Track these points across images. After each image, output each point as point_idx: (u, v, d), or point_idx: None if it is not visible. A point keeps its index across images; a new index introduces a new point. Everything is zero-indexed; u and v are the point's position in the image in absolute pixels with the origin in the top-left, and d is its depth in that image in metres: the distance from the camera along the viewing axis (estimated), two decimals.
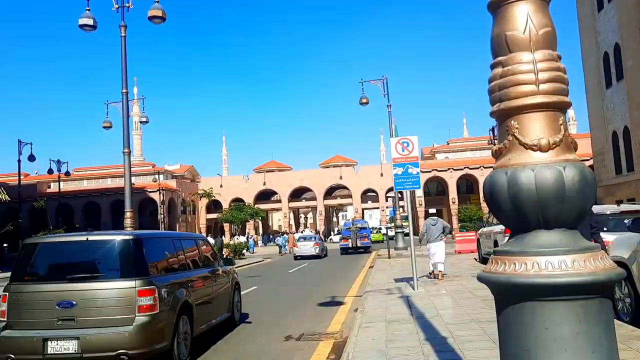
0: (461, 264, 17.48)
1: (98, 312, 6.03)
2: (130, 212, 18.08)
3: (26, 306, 6.21)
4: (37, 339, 5.94)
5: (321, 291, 14.07)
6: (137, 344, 5.90)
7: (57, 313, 6.01)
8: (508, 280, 2.25)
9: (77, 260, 6.56)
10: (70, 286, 6.16)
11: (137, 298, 6.03)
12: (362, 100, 32.51)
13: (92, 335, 5.88)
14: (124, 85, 18.30)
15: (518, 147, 2.35)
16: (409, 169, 11.80)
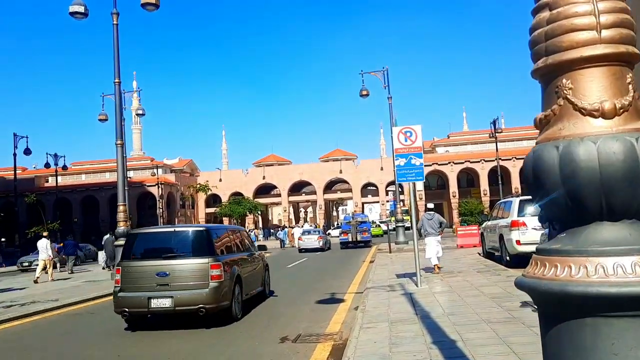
0: (465, 258, 16.94)
1: (185, 280, 8.72)
2: (123, 205, 17.55)
3: (134, 276, 8.85)
4: (143, 298, 8.60)
5: (320, 287, 13.53)
6: (210, 301, 8.58)
7: (156, 280, 8.68)
8: (562, 288, 1.68)
9: (168, 245, 9.32)
10: (165, 262, 8.85)
11: (210, 270, 8.70)
12: (362, 92, 31.91)
13: (181, 295, 8.58)
14: (116, 75, 17.72)
15: (573, 114, 1.79)
16: (412, 160, 11.23)
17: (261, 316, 9.83)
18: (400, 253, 22.69)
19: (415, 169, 11.22)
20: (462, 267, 14.36)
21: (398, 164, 11.30)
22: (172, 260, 8.91)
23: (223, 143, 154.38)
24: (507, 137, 64.96)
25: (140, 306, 8.66)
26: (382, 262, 18.78)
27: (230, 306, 9.06)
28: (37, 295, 14.28)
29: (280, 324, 8.80)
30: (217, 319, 8.92)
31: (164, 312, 8.78)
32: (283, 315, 9.71)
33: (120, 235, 17.61)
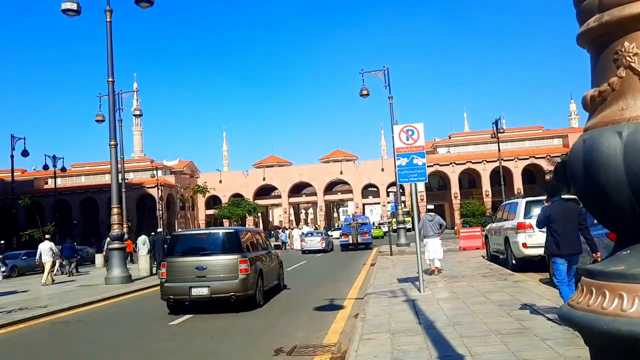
0: (468, 262, 16.45)
1: (218, 272, 10.47)
2: (117, 207, 17.08)
3: (177, 269, 10.60)
4: (185, 287, 10.37)
5: (319, 292, 13.06)
6: (240, 290, 10.34)
7: (195, 273, 10.44)
8: (630, 329, 1.21)
9: (204, 244, 11.27)
10: (202, 258, 10.68)
11: (239, 264, 10.43)
12: (362, 91, 31.44)
13: (216, 284, 10.33)
14: (110, 74, 17.26)
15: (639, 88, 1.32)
16: (414, 160, 10.75)
17: (278, 304, 11.74)
18: (402, 256, 22.22)
19: (418, 169, 10.74)
20: (466, 271, 13.88)
21: (399, 164, 10.83)
22: (208, 257, 10.81)
23: (224, 144, 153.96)
24: (509, 138, 64.41)
25: (182, 294, 10.54)
26: (383, 265, 18.30)
27: (254, 295, 10.94)
28: (27, 301, 13.81)
29: (275, 333, 8.32)
30: (244, 305, 10.68)
31: (202, 299, 10.60)
32: (278, 324, 9.23)
33: (114, 238, 17.16)
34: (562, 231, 6.75)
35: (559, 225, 6.78)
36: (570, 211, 6.90)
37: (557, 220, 6.82)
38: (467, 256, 18.92)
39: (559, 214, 6.87)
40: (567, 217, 6.81)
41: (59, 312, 11.70)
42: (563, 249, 6.78)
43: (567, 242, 6.73)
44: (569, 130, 75.59)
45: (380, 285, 12.48)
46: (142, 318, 10.89)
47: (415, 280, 12.18)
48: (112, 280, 16.68)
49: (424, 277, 10.74)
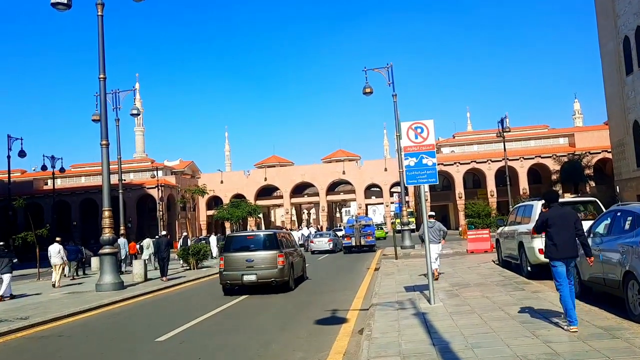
0: (479, 268, 15.55)
1: (263, 263, 13.89)
2: (108, 210, 16.23)
3: (232, 261, 13.98)
4: (238, 274, 13.86)
5: (320, 302, 12.20)
6: (278, 276, 13.83)
7: (245, 264, 13.89)
8: None
9: (252, 242, 14.65)
10: (250, 253, 14.07)
11: (277, 258, 13.84)
12: (365, 89, 30.58)
13: (261, 272, 13.78)
14: (101, 70, 16.46)
15: None
16: (424, 159, 9.88)
17: (304, 289, 14.99)
18: (407, 259, 21.37)
19: (428, 170, 9.87)
20: (478, 278, 12.98)
21: (407, 165, 9.96)
22: (255, 252, 14.26)
23: (226, 145, 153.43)
24: (514, 137, 63.43)
25: (236, 279, 14.09)
26: (388, 269, 17.43)
27: (289, 280, 14.47)
28: (10, 311, 12.97)
29: (270, 355, 7.46)
30: (284, 288, 14.33)
31: (251, 284, 14.06)
32: (275, 340, 8.36)
33: (105, 242, 16.30)
34: (560, 235, 7.01)
35: (557, 230, 7.05)
36: (568, 216, 7.17)
37: (555, 225, 7.08)
38: (476, 260, 18.03)
39: (557, 219, 7.13)
40: (564, 222, 7.07)
41: (41, 325, 10.85)
42: (561, 252, 7.02)
43: (565, 246, 6.99)
44: (575, 129, 74.65)
45: (386, 294, 11.61)
46: (128, 333, 10.03)
47: (424, 289, 11.34)
48: (103, 287, 15.84)
49: (434, 287, 9.85)
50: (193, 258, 23.31)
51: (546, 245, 7.31)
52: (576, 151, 58.39)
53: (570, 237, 7.04)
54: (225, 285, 14.25)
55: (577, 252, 7.15)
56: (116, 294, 15.05)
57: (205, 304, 12.63)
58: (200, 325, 10.02)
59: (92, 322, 11.38)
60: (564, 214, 7.21)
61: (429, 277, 9.82)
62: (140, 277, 18.94)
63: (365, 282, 15.51)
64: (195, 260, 23.37)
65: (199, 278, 19.95)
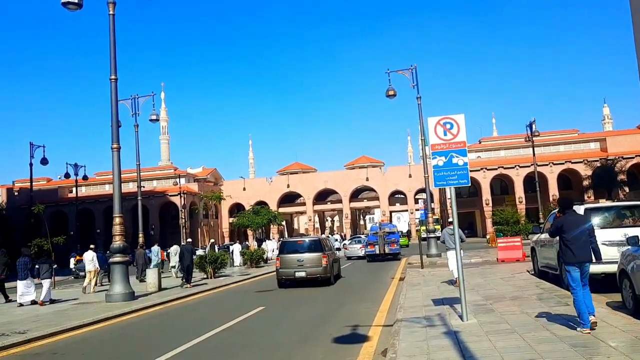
0: (513, 278, 14.34)
1: (311, 263, 17.44)
2: (119, 217, 15.51)
3: (286, 261, 17.62)
4: (291, 271, 17.47)
5: (340, 315, 11.22)
6: (323, 273, 17.42)
7: (297, 263, 17.47)
8: None
9: (302, 246, 18.27)
10: (301, 255, 17.69)
11: (322, 258, 17.46)
12: (388, 92, 29.60)
13: (310, 270, 17.35)
14: (113, 71, 15.85)
15: None
16: (454, 159, 8.86)
17: (341, 284, 18.17)
18: (434, 269, 20.23)
19: (458, 170, 8.84)
20: (514, 290, 11.82)
21: (435, 165, 8.94)
22: (304, 254, 17.77)
23: (250, 152, 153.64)
24: (543, 142, 61.43)
25: (289, 275, 17.58)
26: (414, 279, 16.35)
27: (330, 277, 17.79)
28: (11, 324, 12.28)
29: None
30: (325, 282, 17.58)
31: (301, 279, 17.45)
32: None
33: (116, 251, 15.57)
34: (575, 240, 7.23)
35: (572, 235, 7.26)
36: (581, 222, 7.45)
37: (570, 231, 7.30)
38: (509, 270, 16.81)
39: (571, 224, 7.37)
40: (578, 228, 7.30)
41: (38, 340, 10.09)
42: (577, 256, 7.24)
43: (580, 251, 7.20)
44: (607, 133, 72.28)
45: (412, 307, 10.57)
46: (128, 351, 9.18)
47: (455, 302, 10.28)
48: (113, 298, 15.10)
49: (466, 300, 8.78)
50: (210, 266, 22.50)
51: (561, 249, 7.52)
52: (609, 156, 56.22)
53: (584, 242, 7.25)
54: (280, 280, 17.95)
55: (591, 257, 7.33)
56: (126, 305, 14.28)
57: (217, 317, 11.76)
58: (209, 341, 9.14)
59: (93, 337, 10.57)
60: (578, 219, 7.51)
61: (461, 290, 8.76)
62: (154, 286, 18.20)
63: (390, 293, 14.46)
64: (212, 268, 22.56)
65: (215, 288, 19.11)
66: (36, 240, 25.42)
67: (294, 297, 15.39)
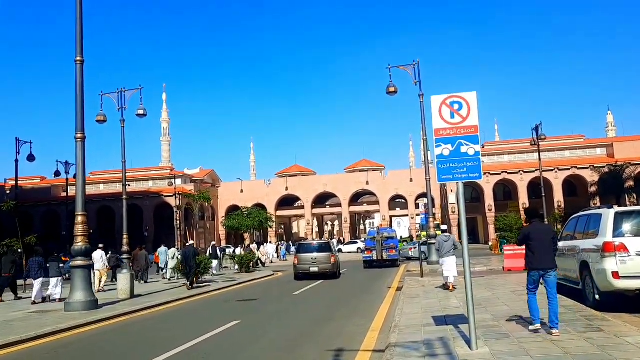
0: None
1: (322, 260, 22.40)
2: (82, 215, 13.80)
3: (302, 259, 22.73)
4: (307, 267, 22.42)
5: (325, 334, 9.52)
6: (332, 269, 22.37)
7: (311, 260, 22.48)
8: None
9: (315, 247, 23.50)
10: (314, 254, 22.70)
11: (331, 257, 22.56)
12: (389, 88, 27.91)
13: (322, 266, 22.25)
14: (78, 51, 14.26)
15: None
16: (463, 147, 7.16)
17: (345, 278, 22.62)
18: (435, 278, 18.46)
19: (468, 161, 7.13)
20: None
21: (440, 154, 7.24)
22: (317, 253, 22.41)
23: (251, 155, 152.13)
24: (548, 147, 59.54)
25: (305, 270, 22.06)
26: (413, 291, 14.62)
27: (337, 272, 22.57)
28: None
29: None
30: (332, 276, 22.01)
31: (314, 273, 21.88)
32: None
33: (77, 253, 13.85)
34: (540, 248, 7.60)
35: (537, 243, 7.63)
36: (546, 231, 7.88)
37: (536, 239, 7.66)
38: (518, 281, 15.03)
39: (537, 233, 7.73)
40: (544, 237, 7.67)
41: None
42: (541, 263, 7.63)
43: (544, 258, 7.58)
44: (614, 139, 70.52)
45: (409, 327, 8.87)
46: None
47: (460, 322, 8.60)
48: (72, 306, 13.37)
49: (475, 321, 7.05)
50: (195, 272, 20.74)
51: (526, 256, 7.85)
52: (618, 162, 54.35)
53: (547, 250, 7.64)
54: (297, 274, 22.51)
55: (555, 264, 7.72)
56: (85, 315, 12.57)
57: (182, 333, 10.05)
58: None
59: (24, 357, 8.86)
60: (543, 229, 7.94)
61: (469, 309, 7.04)
62: (126, 293, 16.50)
63: (384, 307, 12.73)
64: (195, 274, 20.81)
65: (194, 296, 17.39)
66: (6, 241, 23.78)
67: (276, 309, 13.67)
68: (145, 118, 29.03)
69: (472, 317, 7.01)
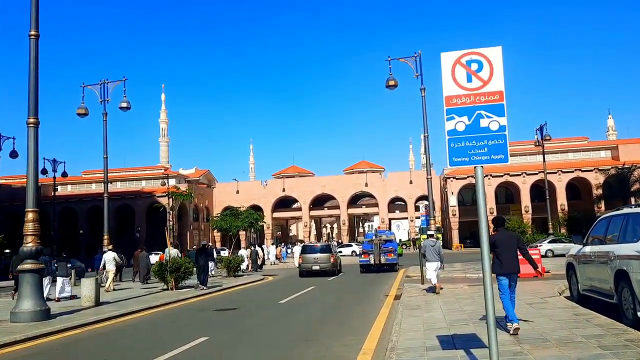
0: (546, 306, 10.73)
1: (323, 260, 25.69)
2: (33, 212, 11.97)
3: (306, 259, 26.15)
4: (309, 266, 25.74)
5: (306, 356, 7.76)
6: (331, 268, 25.68)
7: (313, 260, 25.75)
8: None
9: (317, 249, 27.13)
10: (317, 254, 26.07)
11: (330, 257, 25.94)
12: (389, 82, 26.03)
13: (322, 265, 25.53)
14: (33, 25, 12.38)
15: None
16: (484, 120, 5.40)
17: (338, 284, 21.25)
18: None
19: (490, 138, 5.39)
20: (558, 328, 8.21)
21: (452, 130, 5.48)
22: (318, 254, 25.92)
23: (250, 157, 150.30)
24: (551, 149, 57.76)
25: (308, 269, 25.50)
26: (413, 301, 12.84)
27: (336, 270, 26.07)
28: None
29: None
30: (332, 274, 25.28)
31: (316, 271, 25.14)
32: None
33: (26, 256, 12.05)
34: (505, 255, 8.17)
35: (503, 249, 8.20)
36: (511, 238, 8.48)
37: (501, 246, 8.19)
38: (533, 291, 13.26)
39: (503, 240, 8.28)
40: (508, 243, 8.27)
41: None
42: (506, 268, 8.21)
43: (509, 264, 8.20)
44: (619, 141, 68.76)
45: (408, 351, 7.12)
46: None
47: (470, 343, 6.90)
48: (19, 317, 11.58)
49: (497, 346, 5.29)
50: (171, 276, 18.98)
51: (494, 262, 8.03)
52: (625, 164, 52.54)
53: (513, 256, 8.25)
54: (302, 272, 25.67)
55: (519, 269, 8.39)
56: (29, 328, 10.76)
57: (137, 353, 8.28)
58: None
59: None
60: (508, 236, 8.49)
61: (490, 334, 5.29)
62: (90, 300, 14.70)
63: (380, 321, 10.94)
64: (174, 278, 19.05)
65: (168, 304, 15.58)
66: None
67: (255, 322, 11.88)
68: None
69: (495, 344, 5.25)
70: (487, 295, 5.33)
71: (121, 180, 74.91)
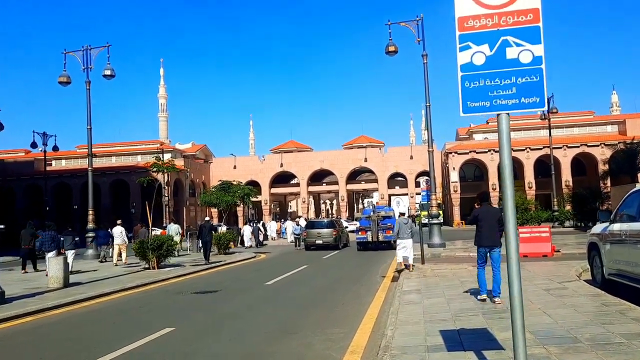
0: (566, 293, 9.29)
1: (326, 235, 27.34)
2: None
3: (310, 234, 27.75)
4: (313, 240, 27.38)
5: (281, 355, 6.40)
6: (334, 242, 27.12)
7: (317, 235, 27.54)
8: None
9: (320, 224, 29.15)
10: (320, 229, 27.81)
11: (333, 232, 27.36)
12: (388, 47, 24.59)
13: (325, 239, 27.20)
14: None
15: None
16: (510, 49, 3.89)
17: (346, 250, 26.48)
18: (438, 264, 15.37)
19: (520, 74, 3.88)
20: (587, 322, 6.80)
21: (467, 63, 3.98)
22: (322, 229, 27.67)
23: (250, 132, 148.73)
24: (556, 124, 55.97)
25: (312, 243, 27.27)
26: (411, 286, 11.45)
27: (338, 244, 27.27)
28: None
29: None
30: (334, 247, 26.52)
31: (319, 245, 26.89)
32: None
33: None
34: (485, 228, 8.80)
35: (484, 223, 8.82)
36: (493, 213, 8.99)
37: (483, 220, 8.85)
38: (547, 273, 11.87)
39: (485, 214, 8.90)
40: (490, 218, 8.81)
41: None
42: (485, 241, 8.87)
43: (488, 237, 8.79)
44: (626, 115, 66.85)
45: (405, 352, 5.75)
46: None
47: (486, 346, 5.47)
48: None
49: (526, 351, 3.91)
50: (153, 254, 17.64)
51: (476, 235, 9.00)
52: (635, 139, 50.89)
53: (494, 230, 8.76)
54: (307, 245, 27.61)
55: (499, 243, 8.63)
56: None
57: (86, 349, 6.93)
58: None
59: None
60: (491, 211, 9.07)
61: (517, 338, 3.89)
62: (58, 282, 13.35)
63: (374, 307, 9.59)
64: (155, 256, 17.71)
65: (145, 285, 14.24)
66: None
67: (233, 308, 10.52)
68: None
69: (522, 342, 3.85)
70: (514, 290, 3.88)
71: (116, 155, 73.48)
